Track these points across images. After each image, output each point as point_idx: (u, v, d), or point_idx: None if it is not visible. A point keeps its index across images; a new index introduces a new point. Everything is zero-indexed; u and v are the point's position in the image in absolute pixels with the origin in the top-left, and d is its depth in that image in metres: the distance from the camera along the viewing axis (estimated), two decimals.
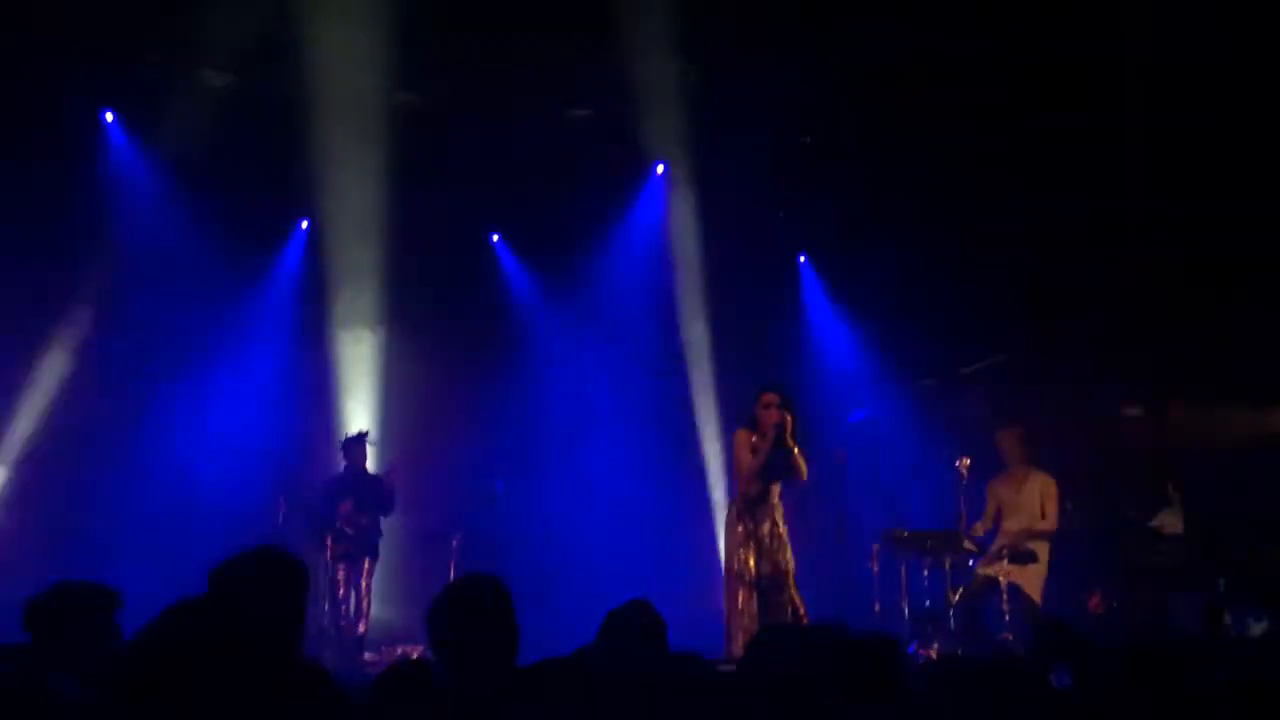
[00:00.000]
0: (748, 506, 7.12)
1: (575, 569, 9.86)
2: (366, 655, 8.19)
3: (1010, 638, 7.58)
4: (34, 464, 9.16)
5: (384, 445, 9.73)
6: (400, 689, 2.94)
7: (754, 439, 7.14)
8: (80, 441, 9.35)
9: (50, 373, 9.34)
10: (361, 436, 9.07)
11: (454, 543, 8.88)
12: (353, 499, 8.65)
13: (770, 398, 7.13)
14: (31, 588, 3.38)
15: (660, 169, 10.43)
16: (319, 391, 10.18)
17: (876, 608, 7.80)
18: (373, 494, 8.77)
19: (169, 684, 1.63)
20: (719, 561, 10.40)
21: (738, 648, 6.74)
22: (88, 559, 7.64)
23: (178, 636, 1.67)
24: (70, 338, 9.35)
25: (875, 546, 7.88)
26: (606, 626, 3.90)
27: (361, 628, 8.40)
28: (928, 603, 7.70)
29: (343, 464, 8.98)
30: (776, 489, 7.17)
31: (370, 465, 9.12)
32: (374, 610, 8.88)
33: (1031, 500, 8.02)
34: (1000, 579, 7.68)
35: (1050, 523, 7.98)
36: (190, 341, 10.04)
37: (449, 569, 8.62)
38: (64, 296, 9.28)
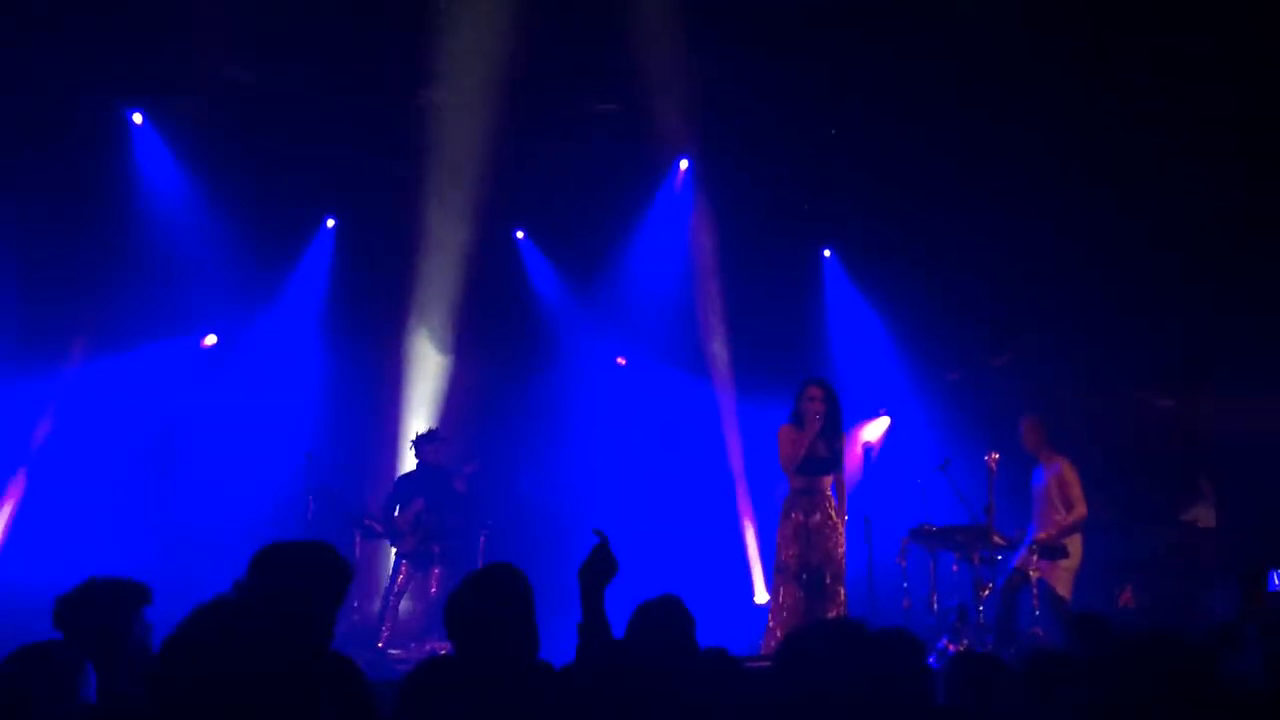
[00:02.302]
0: (796, 498, 7.23)
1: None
2: (395, 652, 8.20)
3: (1039, 633, 7.53)
4: (64, 459, 9.24)
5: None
6: (430, 684, 2.94)
7: (796, 432, 7.22)
8: (109, 438, 9.43)
9: (80, 368, 9.42)
10: (434, 435, 9.10)
11: (481, 540, 8.90)
12: (425, 498, 8.70)
13: (815, 390, 7.26)
14: (62, 583, 3.39)
15: (684, 164, 10.39)
16: (352, 390, 10.20)
17: (905, 603, 7.75)
18: (448, 493, 8.80)
19: (204, 680, 1.63)
20: (745, 556, 10.45)
21: (773, 642, 6.81)
22: (116, 556, 7.70)
23: (212, 634, 1.66)
24: (98, 335, 9.43)
25: (904, 541, 7.82)
26: (636, 620, 3.90)
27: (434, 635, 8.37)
28: (957, 599, 7.63)
29: (415, 463, 9.01)
30: (827, 480, 7.25)
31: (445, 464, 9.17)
32: (402, 606, 8.89)
33: (1050, 492, 7.92)
34: (1031, 574, 7.61)
35: (1075, 512, 7.79)
36: (220, 339, 10.12)
37: (476, 566, 8.63)
38: (93, 295, 9.33)
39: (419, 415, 10.14)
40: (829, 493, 7.24)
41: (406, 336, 10.38)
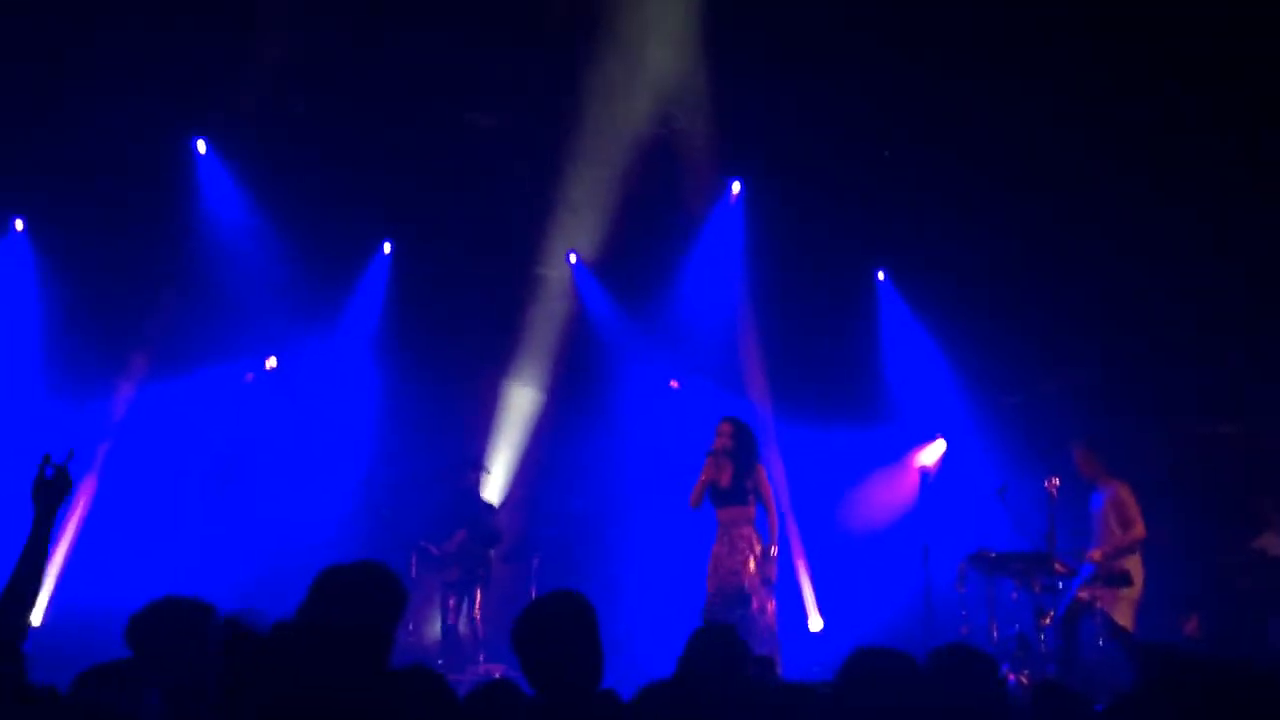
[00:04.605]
0: (718, 530, 7.42)
1: (651, 589, 9.83)
2: (454, 676, 8.25)
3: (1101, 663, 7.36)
4: (125, 480, 9.41)
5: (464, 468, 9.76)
6: (489, 708, 2.94)
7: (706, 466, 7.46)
8: (170, 459, 9.59)
9: (142, 391, 9.61)
10: (478, 465, 9.22)
11: (535, 562, 8.92)
12: (467, 528, 8.77)
13: (724, 426, 7.50)
14: (123, 603, 3.43)
15: (736, 186, 10.39)
16: (410, 414, 10.26)
17: (964, 630, 7.62)
18: (486, 523, 8.87)
19: (273, 701, 1.63)
20: (797, 583, 10.37)
21: None
22: (175, 576, 7.81)
23: (279, 657, 1.66)
24: (160, 357, 9.61)
25: (962, 567, 7.69)
26: (691, 646, 3.89)
27: (481, 657, 8.47)
28: (1017, 627, 7.48)
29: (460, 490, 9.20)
30: (744, 512, 7.36)
31: (487, 495, 9.32)
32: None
33: (1108, 516, 7.73)
34: (1095, 603, 7.45)
35: (1133, 531, 7.57)
36: (280, 362, 10.27)
37: (529, 589, 8.65)
38: (156, 318, 9.53)
39: (475, 439, 10.18)
40: (747, 526, 7.33)
41: (462, 360, 10.44)
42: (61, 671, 3.21)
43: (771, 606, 7.28)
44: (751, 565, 7.23)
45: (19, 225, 9.56)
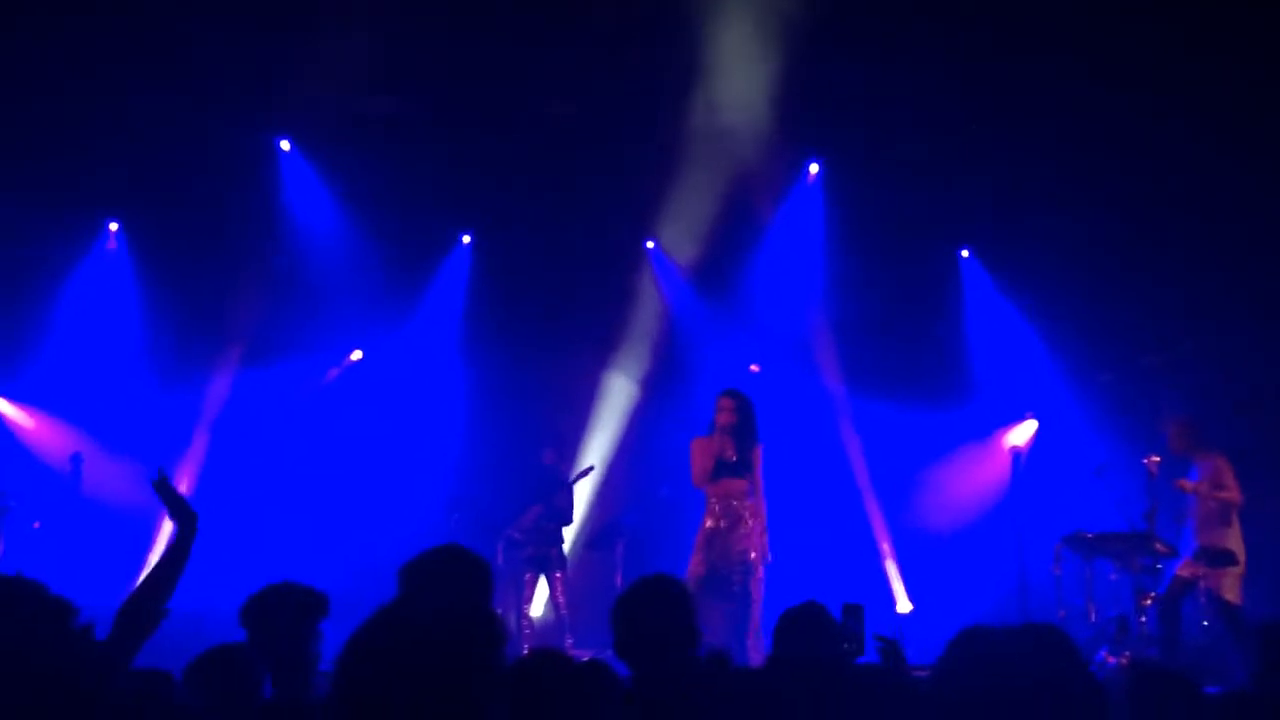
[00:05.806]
0: (709, 505, 7.31)
1: None
2: None
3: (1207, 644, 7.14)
4: (214, 471, 9.65)
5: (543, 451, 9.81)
6: (591, 687, 2.94)
7: (705, 442, 7.35)
8: (256, 453, 9.80)
9: (232, 384, 9.84)
10: (554, 445, 9.30)
11: (618, 548, 8.92)
12: (542, 503, 8.81)
13: (726, 401, 7.37)
14: (213, 592, 3.48)
15: (814, 167, 10.26)
16: (494, 402, 10.35)
17: (1061, 613, 7.44)
18: (563, 502, 8.91)
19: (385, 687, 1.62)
20: (882, 565, 10.23)
21: None
22: (265, 566, 7.96)
23: (388, 642, 1.64)
24: (249, 351, 9.85)
25: (1058, 548, 7.51)
26: (782, 626, 3.86)
27: (568, 639, 8.50)
28: (1117, 609, 7.28)
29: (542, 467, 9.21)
30: (739, 485, 7.29)
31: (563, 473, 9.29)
32: (538, 613, 9.00)
33: (1203, 490, 7.47)
34: (1199, 582, 7.21)
35: (1230, 493, 7.35)
36: (367, 357, 10.44)
37: (615, 574, 8.66)
38: (244, 313, 9.76)
39: (561, 426, 10.22)
40: (749, 499, 7.27)
41: (545, 349, 10.50)
42: (156, 657, 3.30)
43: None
44: (757, 536, 7.23)
45: (113, 226, 9.86)
